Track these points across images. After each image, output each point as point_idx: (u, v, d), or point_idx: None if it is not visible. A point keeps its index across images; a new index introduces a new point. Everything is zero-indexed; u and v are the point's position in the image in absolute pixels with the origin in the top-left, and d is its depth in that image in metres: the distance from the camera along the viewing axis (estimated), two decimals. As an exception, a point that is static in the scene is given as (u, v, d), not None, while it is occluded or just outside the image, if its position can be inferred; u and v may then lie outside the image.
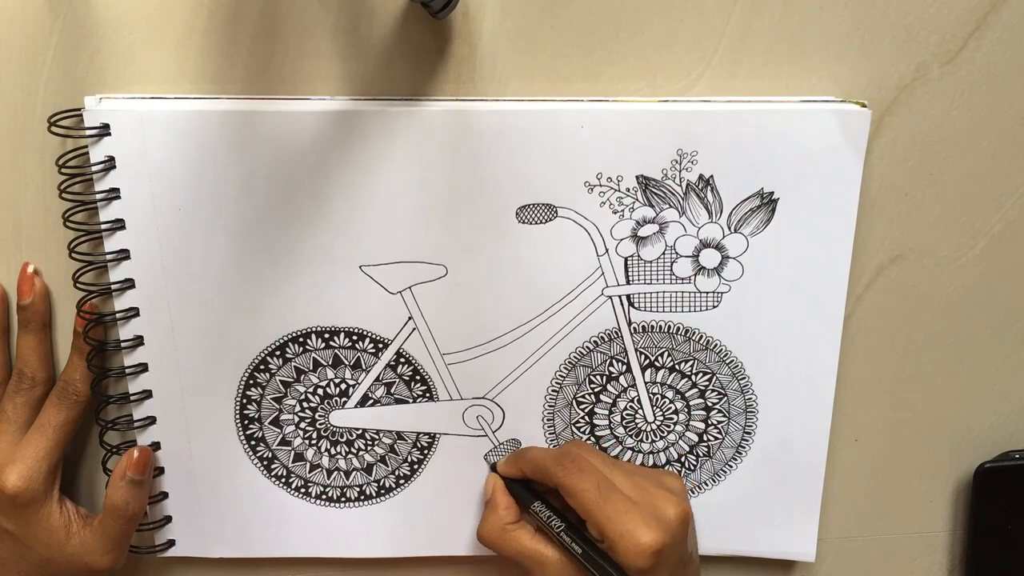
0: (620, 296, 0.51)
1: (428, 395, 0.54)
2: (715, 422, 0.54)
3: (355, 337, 0.52)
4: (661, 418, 0.54)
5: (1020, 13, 0.47)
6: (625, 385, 0.53)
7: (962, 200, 0.51)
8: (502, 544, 0.51)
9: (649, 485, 0.50)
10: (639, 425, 0.54)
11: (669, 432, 0.55)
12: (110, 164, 0.48)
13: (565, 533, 0.50)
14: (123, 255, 0.50)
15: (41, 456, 0.51)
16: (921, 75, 0.48)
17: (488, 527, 0.52)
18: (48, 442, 0.51)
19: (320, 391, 0.54)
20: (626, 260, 0.51)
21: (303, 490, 0.56)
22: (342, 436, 0.54)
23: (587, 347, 0.52)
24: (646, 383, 0.53)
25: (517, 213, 0.49)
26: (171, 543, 0.56)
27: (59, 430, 0.51)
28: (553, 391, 0.53)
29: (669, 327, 0.52)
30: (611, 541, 0.47)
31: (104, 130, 0.48)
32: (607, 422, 0.54)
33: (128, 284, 0.50)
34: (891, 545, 0.58)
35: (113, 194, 0.49)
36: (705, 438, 0.55)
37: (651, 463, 0.55)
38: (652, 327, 0.52)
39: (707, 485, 0.55)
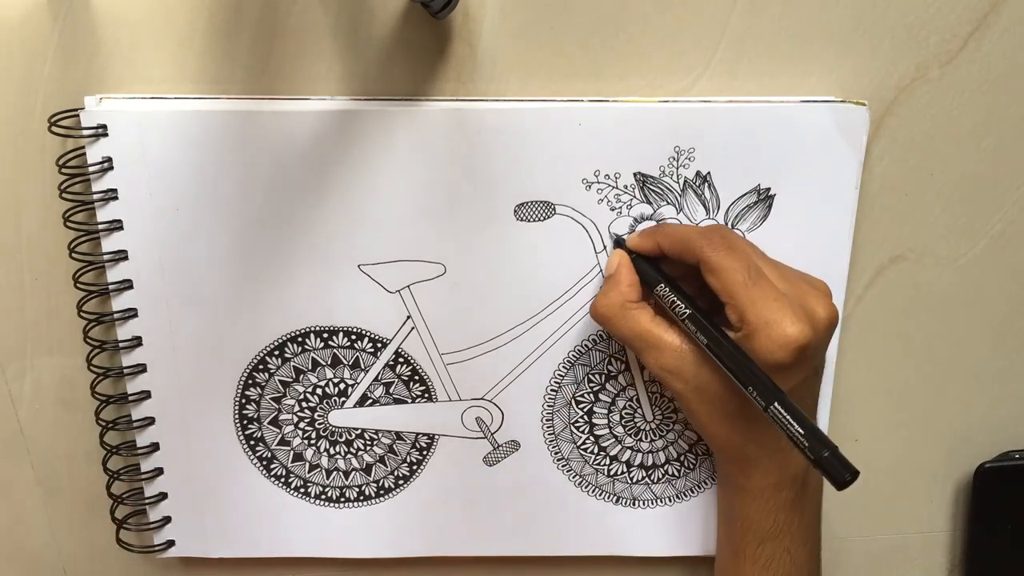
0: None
1: (427, 395, 0.53)
2: (715, 422, 0.54)
3: (354, 337, 0.52)
4: (660, 417, 0.54)
5: (1020, 13, 0.47)
6: (624, 384, 0.53)
7: (962, 200, 0.51)
8: (619, 321, 0.47)
9: (797, 280, 0.46)
10: (638, 424, 0.54)
11: (668, 431, 0.54)
12: (107, 164, 0.48)
13: (690, 320, 0.45)
14: (121, 255, 0.50)
15: None
16: (921, 75, 0.48)
17: (606, 301, 0.48)
18: None
19: (319, 391, 0.54)
20: (625, 259, 0.51)
21: (302, 490, 0.56)
22: (341, 436, 0.54)
23: (586, 345, 0.52)
24: (645, 382, 0.53)
25: (515, 211, 0.49)
26: (170, 543, 0.56)
27: None
28: (552, 391, 0.53)
29: (668, 326, 0.52)
30: (752, 328, 0.43)
31: (102, 130, 0.48)
32: (606, 421, 0.54)
33: (126, 284, 0.50)
34: (891, 545, 0.58)
35: (111, 194, 0.49)
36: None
37: (650, 463, 0.55)
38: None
39: (706, 484, 0.55)
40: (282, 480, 0.55)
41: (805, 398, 0.47)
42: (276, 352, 0.52)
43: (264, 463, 0.55)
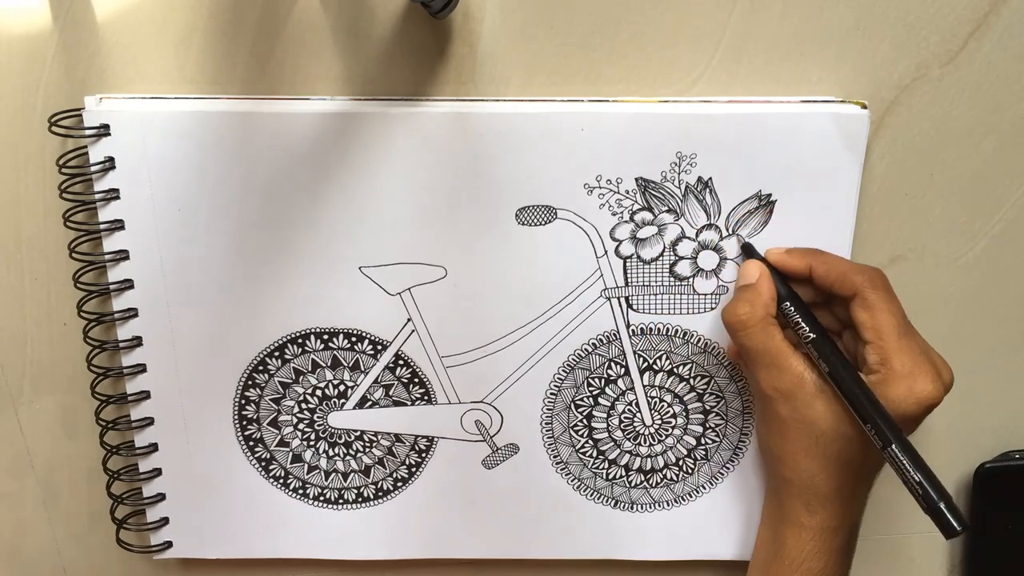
0: (619, 298, 0.51)
1: (426, 398, 0.53)
2: (713, 425, 0.54)
3: (354, 339, 0.52)
4: (659, 421, 0.54)
5: (1020, 13, 0.47)
6: (623, 388, 0.53)
7: (962, 200, 0.51)
8: (754, 332, 0.46)
9: (925, 342, 0.46)
10: (637, 428, 0.54)
11: (667, 436, 0.54)
12: (109, 164, 0.48)
13: (814, 344, 0.45)
14: (122, 255, 0.50)
15: None
16: (921, 75, 0.48)
17: (751, 310, 0.46)
18: None
19: (319, 392, 0.54)
20: (625, 262, 0.50)
21: (301, 491, 0.55)
22: (340, 438, 0.54)
23: (586, 349, 0.52)
24: (644, 386, 0.53)
25: (517, 215, 0.49)
26: (168, 544, 0.56)
27: None
28: (552, 394, 0.53)
29: (667, 329, 0.52)
30: (894, 375, 0.43)
31: (103, 130, 0.48)
32: (605, 425, 0.54)
33: (127, 284, 0.50)
34: (891, 545, 0.58)
35: (112, 194, 0.49)
36: (703, 441, 0.54)
37: (649, 467, 0.55)
38: (650, 329, 0.52)
39: (705, 488, 0.55)
40: (281, 481, 0.55)
41: None
42: (276, 353, 0.52)
43: (263, 464, 0.55)
